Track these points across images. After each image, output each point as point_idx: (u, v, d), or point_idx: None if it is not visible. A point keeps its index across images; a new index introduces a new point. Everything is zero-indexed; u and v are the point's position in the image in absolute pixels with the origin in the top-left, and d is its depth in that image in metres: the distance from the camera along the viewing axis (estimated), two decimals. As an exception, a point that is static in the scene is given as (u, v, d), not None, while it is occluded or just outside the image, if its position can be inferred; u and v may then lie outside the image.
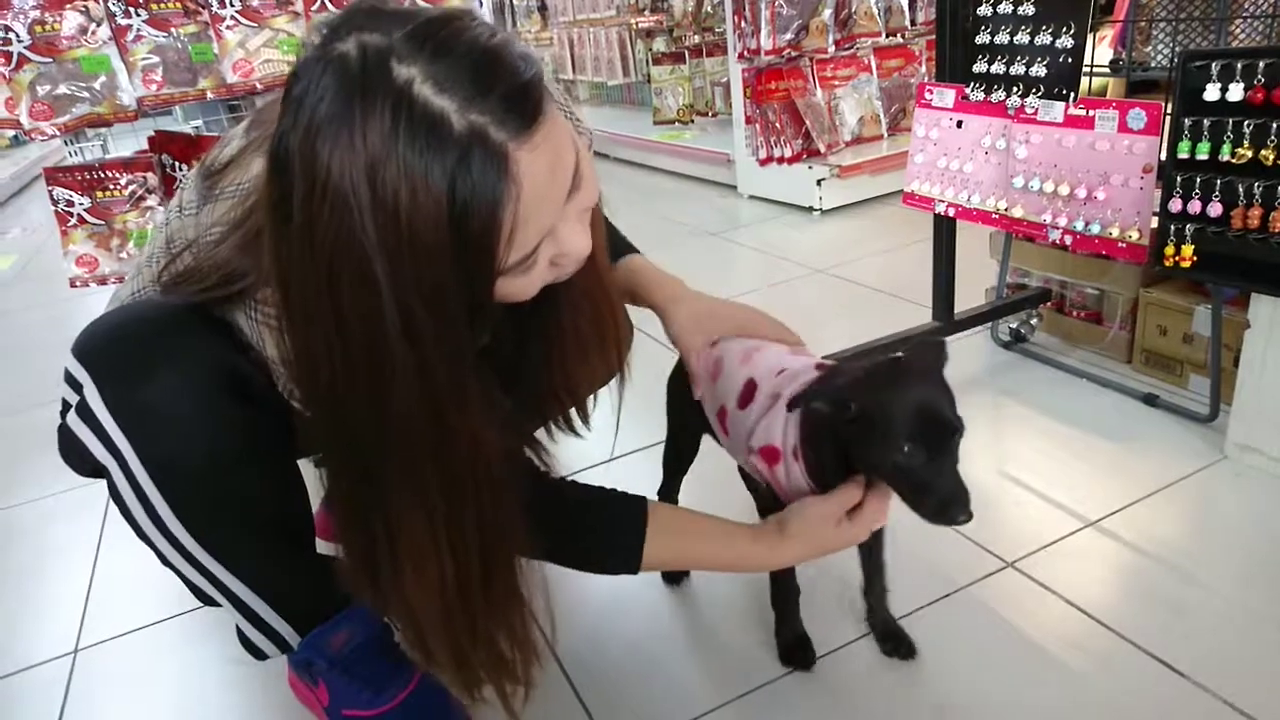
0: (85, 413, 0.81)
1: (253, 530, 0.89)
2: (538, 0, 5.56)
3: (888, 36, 3.20)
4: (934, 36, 3.27)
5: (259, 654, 0.95)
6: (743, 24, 3.00)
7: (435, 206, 0.61)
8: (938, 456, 0.83)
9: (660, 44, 4.36)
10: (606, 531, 0.94)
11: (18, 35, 1.94)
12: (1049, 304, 1.82)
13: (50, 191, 2.13)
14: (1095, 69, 1.42)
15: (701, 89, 4.09)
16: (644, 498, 0.95)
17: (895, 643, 1.08)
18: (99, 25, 2.03)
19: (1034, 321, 1.83)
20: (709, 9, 3.86)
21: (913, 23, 3.23)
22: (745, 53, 3.03)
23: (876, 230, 2.85)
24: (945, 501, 0.83)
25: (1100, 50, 1.62)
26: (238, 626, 0.94)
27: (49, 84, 2.01)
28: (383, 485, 0.73)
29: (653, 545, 0.93)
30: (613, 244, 1.12)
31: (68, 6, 2.00)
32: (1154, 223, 1.30)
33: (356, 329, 0.65)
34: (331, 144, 0.60)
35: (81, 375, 0.82)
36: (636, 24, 4.40)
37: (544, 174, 0.66)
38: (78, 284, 2.15)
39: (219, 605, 0.92)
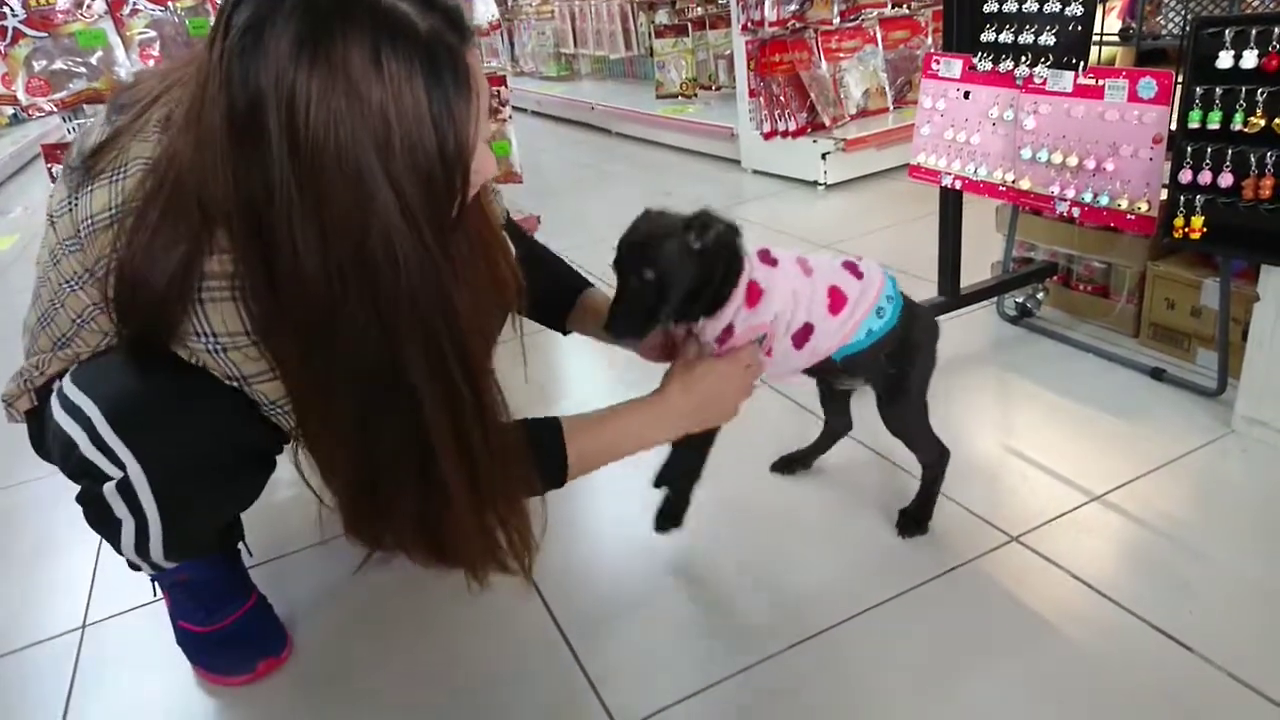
0: (97, 441, 0.88)
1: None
2: (539, -27, 5.49)
3: (893, 7, 3.15)
4: (940, 7, 3.23)
5: (134, 566, 1.05)
6: (747, -5, 2.96)
7: (416, 103, 0.69)
8: None
9: (663, 17, 4.31)
10: (535, 455, 0.99)
11: (12, 9, 1.92)
12: (1055, 278, 1.81)
13: (49, 169, 2.11)
14: (1105, 38, 1.39)
15: (704, 62, 4.05)
16: (555, 418, 1.02)
17: None
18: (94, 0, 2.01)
19: (1040, 296, 1.82)
20: (711, -20, 3.81)
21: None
22: (749, 24, 2.99)
23: (882, 205, 2.83)
24: None
25: (1109, 21, 1.60)
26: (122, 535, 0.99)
27: (45, 59, 1.99)
28: (393, 396, 0.79)
29: (573, 451, 1.00)
30: (567, 276, 1.28)
31: (62, -20, 1.97)
32: (1163, 194, 1.28)
33: (356, 228, 0.70)
34: (310, 57, 0.66)
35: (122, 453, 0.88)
36: (639, -4, 4.35)
37: (483, 81, 0.76)
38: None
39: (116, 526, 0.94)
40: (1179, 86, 1.21)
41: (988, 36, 1.43)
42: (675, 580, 1.23)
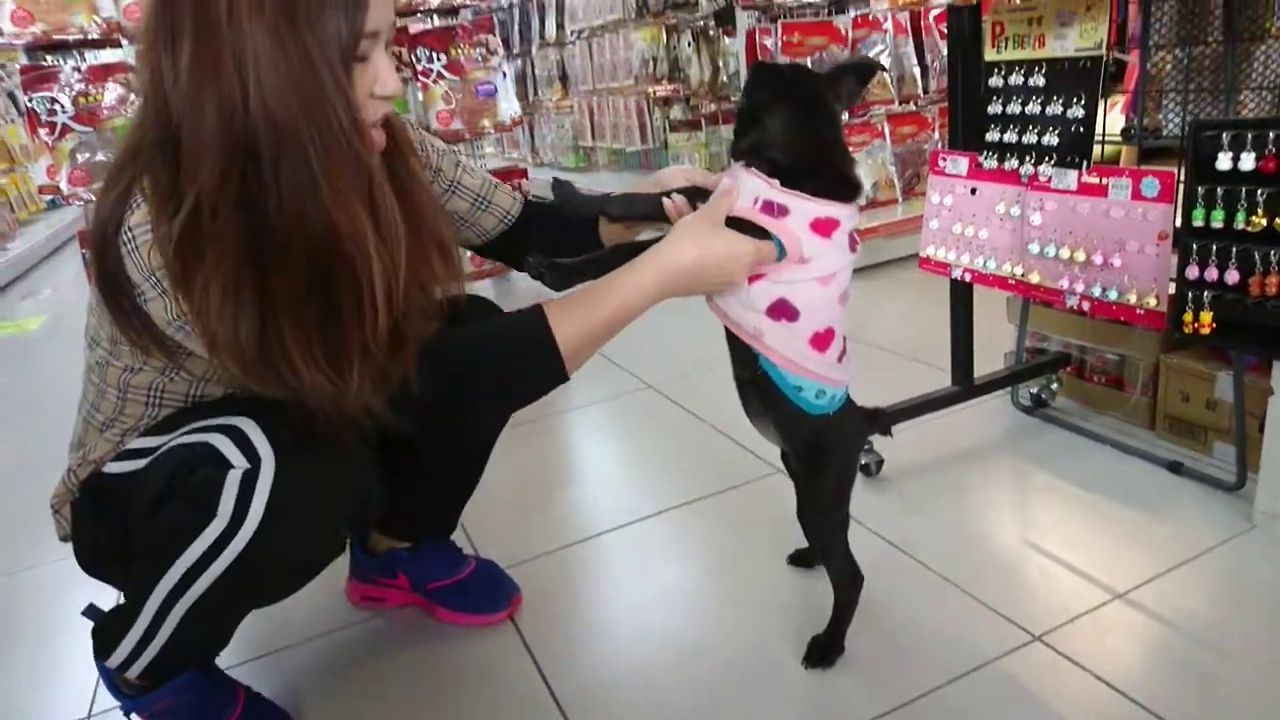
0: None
1: None
2: (559, 69, 5.72)
3: (901, 104, 3.26)
4: (946, 105, 3.33)
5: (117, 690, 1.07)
6: (758, 93, 3.07)
7: None
8: None
9: (677, 112, 4.47)
10: (519, 343, 0.99)
11: (63, 106, 2.02)
12: (1069, 368, 1.82)
13: (83, 254, 2.19)
14: (1107, 138, 1.44)
15: (718, 154, 4.18)
16: (538, 304, 1.00)
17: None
18: (138, 96, 2.11)
19: (1054, 386, 1.82)
20: (724, 79, 3.96)
21: (925, 91, 3.30)
22: (761, 120, 3.09)
23: (893, 292, 2.86)
24: None
25: (1112, 115, 1.65)
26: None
27: (88, 151, 2.09)
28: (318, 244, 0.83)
29: (561, 332, 0.97)
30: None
31: (110, 80, 2.09)
32: (1171, 288, 1.30)
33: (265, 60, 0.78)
34: None
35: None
36: (654, 93, 4.52)
37: None
38: (85, 332, 2.19)
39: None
40: (1181, 185, 1.24)
41: (992, 135, 1.48)
42: (678, 672, 1.20)
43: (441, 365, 0.94)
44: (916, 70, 3.26)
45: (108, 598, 1.52)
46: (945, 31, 3.25)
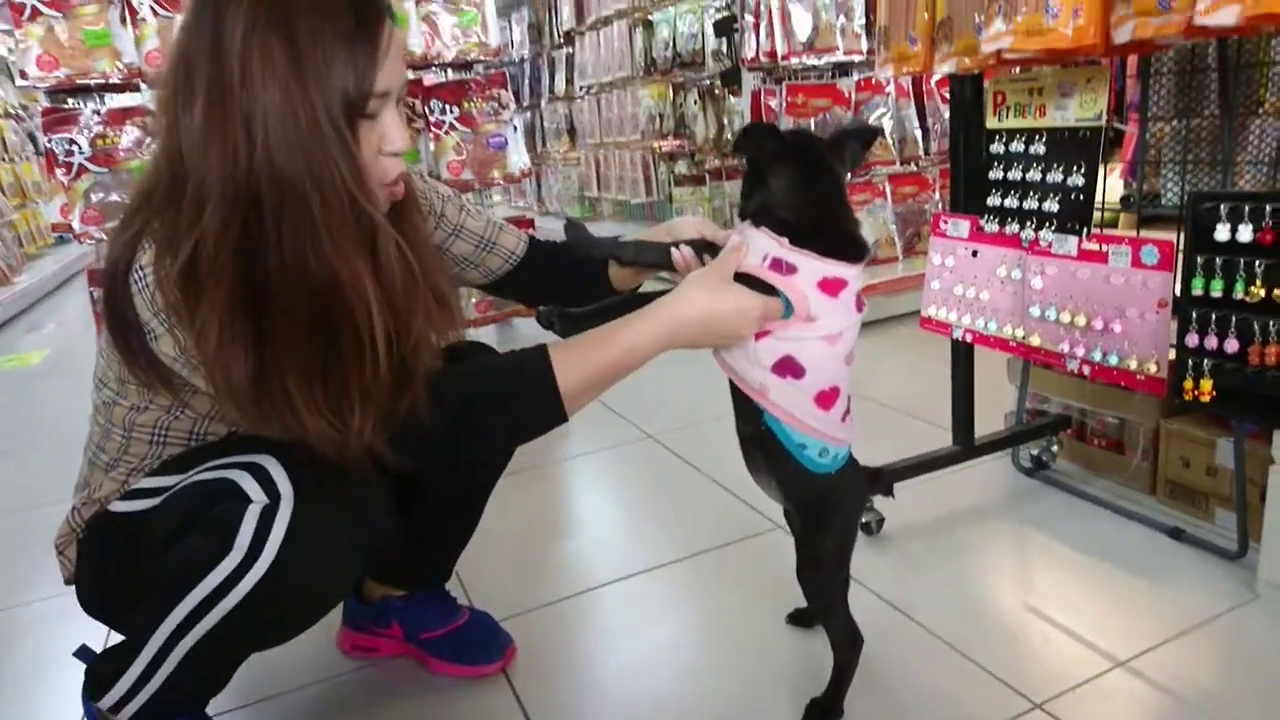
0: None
1: None
2: (567, 122, 5.83)
3: (902, 164, 3.32)
4: (947, 166, 3.38)
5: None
6: (763, 150, 3.13)
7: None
8: None
9: (682, 166, 4.55)
10: (520, 382, 0.99)
11: (80, 148, 2.06)
12: (1069, 431, 1.82)
13: (91, 292, 2.21)
14: (1106, 206, 1.46)
15: (720, 209, 4.23)
16: (543, 345, 1.00)
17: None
18: (154, 140, 2.15)
19: (1055, 448, 1.82)
20: (729, 136, 4.04)
21: (926, 152, 3.36)
22: (765, 177, 3.15)
23: (893, 349, 2.88)
24: None
25: (1111, 179, 1.68)
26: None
27: (102, 191, 2.12)
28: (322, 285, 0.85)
29: (562, 371, 0.97)
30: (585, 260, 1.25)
31: (128, 123, 2.13)
32: (1171, 354, 1.31)
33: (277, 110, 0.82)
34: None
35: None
36: (659, 148, 4.60)
37: (399, 39, 0.89)
38: (93, 374, 2.19)
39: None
40: (1180, 254, 1.26)
41: (994, 200, 1.51)
42: (684, 736, 1.18)
43: (441, 398, 0.94)
44: (918, 132, 3.32)
45: (99, 639, 1.51)
46: (946, 96, 3.34)
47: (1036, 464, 1.82)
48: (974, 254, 1.56)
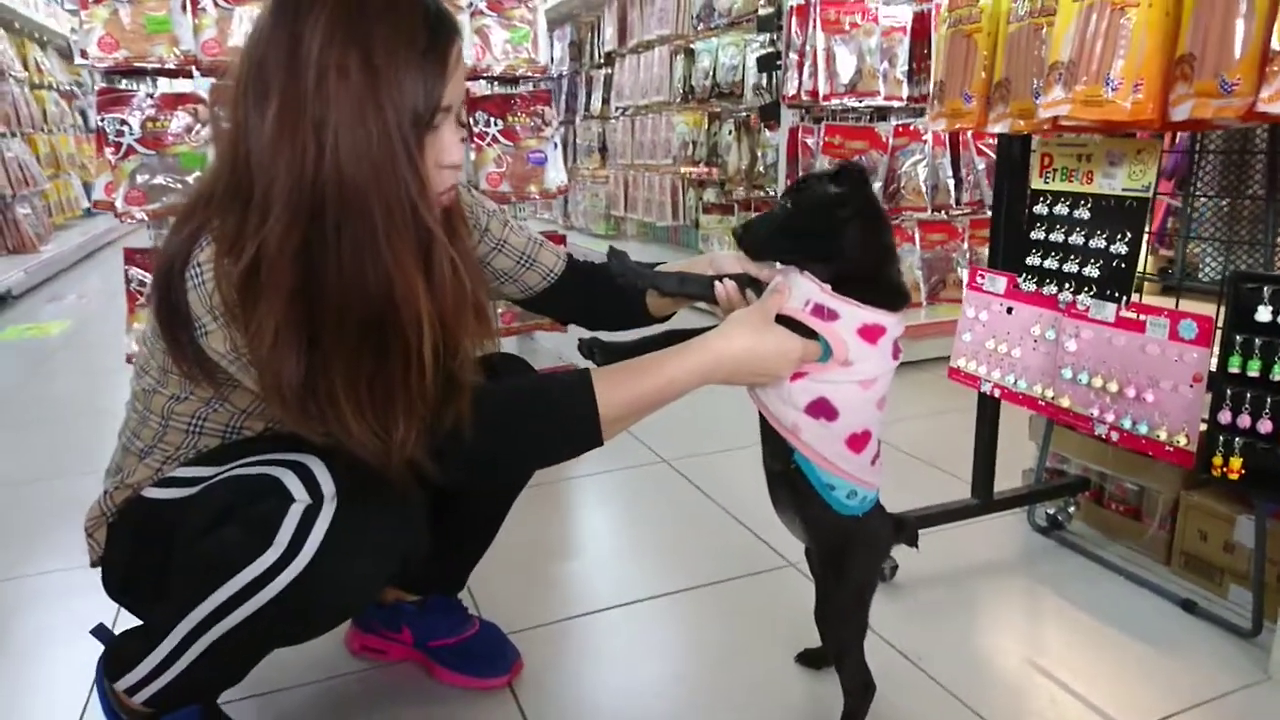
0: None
1: None
2: (599, 141, 5.88)
3: (933, 212, 3.34)
4: (977, 216, 3.39)
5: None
6: (795, 187, 3.16)
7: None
8: None
9: (710, 195, 4.57)
10: (563, 405, 1.00)
11: (130, 128, 2.09)
12: (1087, 493, 1.82)
13: (126, 270, 2.23)
14: (1146, 277, 1.47)
15: (747, 239, 4.25)
16: (585, 369, 1.02)
17: None
18: (203, 127, 2.18)
19: (1071, 510, 1.82)
20: (761, 168, 4.07)
21: (958, 202, 3.38)
22: (796, 213, 3.17)
23: (913, 395, 2.88)
24: None
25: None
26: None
27: (148, 174, 2.14)
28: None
29: (604, 397, 0.98)
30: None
31: (180, 109, 2.16)
32: (1201, 427, 1.31)
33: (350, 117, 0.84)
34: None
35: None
36: (690, 174, 4.63)
37: (463, 56, 0.92)
38: (133, 360, 2.21)
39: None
40: (1219, 331, 1.27)
41: (1033, 260, 1.52)
42: None
43: (484, 416, 0.95)
44: (951, 181, 3.34)
45: (109, 616, 1.52)
46: (982, 149, 3.36)
47: (1052, 523, 1.82)
48: (1009, 311, 1.57)
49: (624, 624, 1.53)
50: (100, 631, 1.10)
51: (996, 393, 1.60)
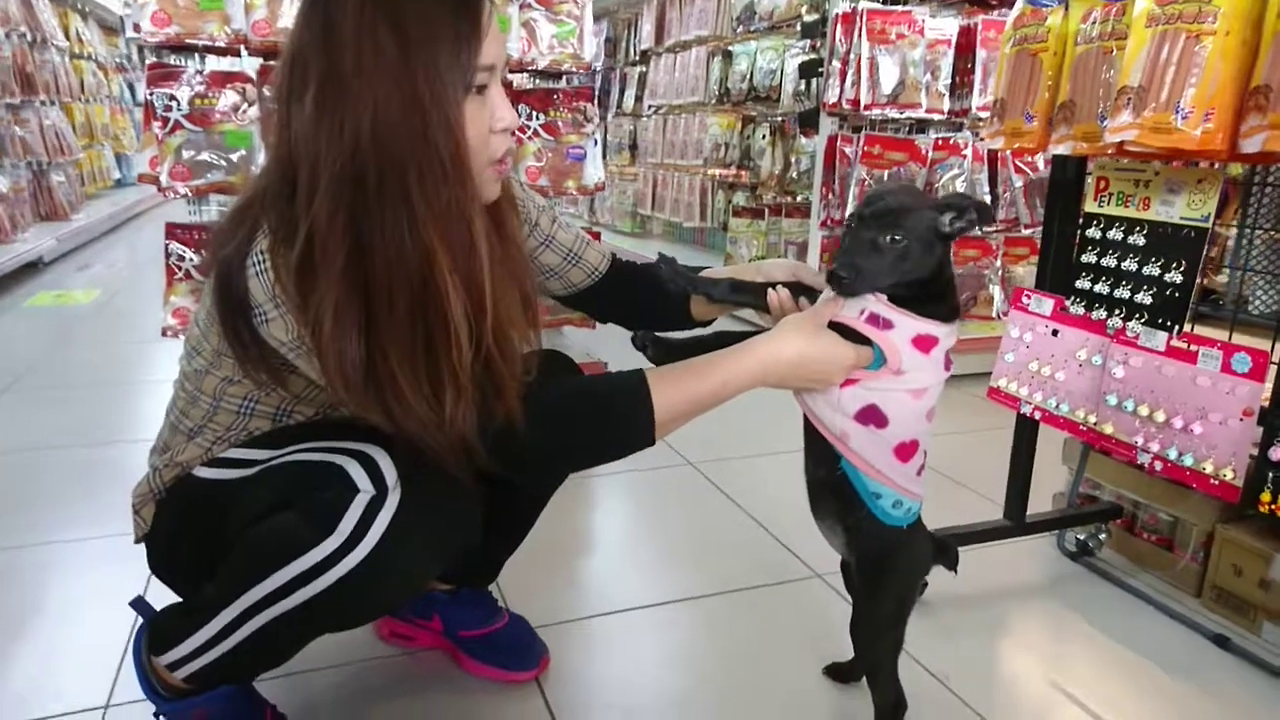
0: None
1: None
2: (630, 139, 5.88)
3: (967, 228, 3.31)
4: (1012, 235, 3.36)
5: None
6: (830, 195, 3.15)
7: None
8: None
9: (740, 198, 4.56)
10: (618, 405, 1.00)
11: (179, 104, 2.10)
12: (1119, 521, 1.80)
13: (166, 245, 2.24)
14: (1199, 310, 1.45)
15: (775, 244, 4.24)
16: (639, 369, 1.02)
17: None
18: (250, 106, 2.19)
19: (1102, 537, 1.80)
20: (794, 174, 4.05)
21: (993, 219, 3.35)
22: (829, 221, 3.16)
23: (942, 411, 2.86)
24: None
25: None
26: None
27: (194, 150, 2.15)
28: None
29: (660, 398, 0.98)
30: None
31: (228, 86, 2.17)
32: (1249, 460, 1.30)
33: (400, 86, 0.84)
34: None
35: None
36: (720, 176, 4.62)
37: (496, 20, 0.91)
38: (169, 333, 2.23)
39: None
40: (1274, 366, 1.25)
41: (1083, 283, 1.50)
42: None
43: (540, 411, 0.96)
44: (987, 198, 3.31)
45: (140, 585, 1.53)
46: (1020, 166, 3.34)
47: (1081, 549, 1.81)
48: (1054, 333, 1.56)
49: (646, 625, 1.52)
50: (140, 604, 1.10)
51: (1037, 415, 1.59)
